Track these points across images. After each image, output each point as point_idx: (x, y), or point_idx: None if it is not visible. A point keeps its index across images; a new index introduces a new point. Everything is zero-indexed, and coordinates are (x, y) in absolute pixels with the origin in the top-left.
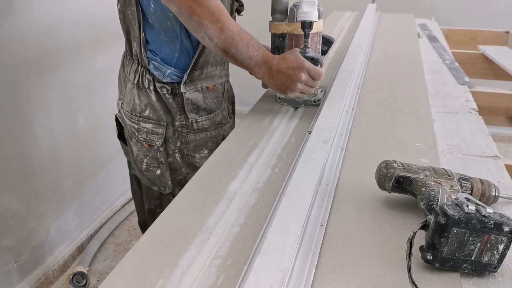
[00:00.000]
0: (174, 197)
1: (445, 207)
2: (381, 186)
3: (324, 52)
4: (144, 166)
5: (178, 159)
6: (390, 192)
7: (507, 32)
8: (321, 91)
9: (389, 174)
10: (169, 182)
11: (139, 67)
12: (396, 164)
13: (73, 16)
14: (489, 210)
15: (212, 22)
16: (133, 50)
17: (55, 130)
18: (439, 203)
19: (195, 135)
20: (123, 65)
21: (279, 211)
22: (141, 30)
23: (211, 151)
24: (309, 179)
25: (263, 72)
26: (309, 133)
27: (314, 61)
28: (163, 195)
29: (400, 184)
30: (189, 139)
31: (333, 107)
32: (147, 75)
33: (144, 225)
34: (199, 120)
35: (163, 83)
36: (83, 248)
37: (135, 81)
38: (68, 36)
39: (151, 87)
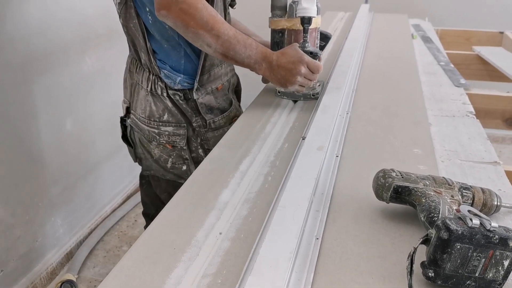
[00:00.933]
0: None
1: (448, 221)
2: (379, 196)
3: (322, 47)
4: (169, 165)
5: (201, 153)
6: (388, 203)
7: (502, 33)
8: (319, 85)
9: (387, 184)
10: None
11: (151, 75)
12: (394, 173)
13: (60, 18)
14: (494, 224)
15: (207, 30)
16: (142, 60)
17: (42, 134)
18: (440, 215)
19: (213, 133)
20: (130, 71)
21: (272, 225)
22: (147, 41)
23: None
24: (303, 189)
25: (264, 68)
26: (302, 139)
27: (313, 55)
28: None
29: (398, 195)
30: (208, 137)
31: (327, 111)
32: (159, 83)
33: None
34: (216, 120)
35: (175, 90)
36: (72, 255)
37: (149, 89)
38: (55, 38)
39: (165, 94)
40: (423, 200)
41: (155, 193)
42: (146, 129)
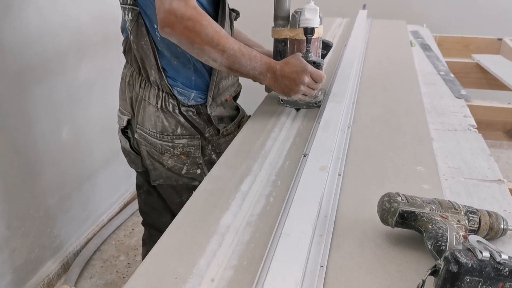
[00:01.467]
0: None
1: (457, 254)
2: (384, 221)
3: (323, 56)
4: (184, 171)
5: (214, 157)
6: (394, 227)
7: (500, 39)
8: (321, 93)
9: (392, 209)
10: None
11: (160, 92)
12: (400, 198)
13: (55, 26)
14: (504, 256)
15: (213, 46)
16: (151, 77)
17: (38, 144)
18: (448, 244)
19: (224, 138)
20: (129, 83)
21: (276, 254)
22: (157, 59)
23: None
24: (306, 214)
25: (268, 79)
26: (304, 156)
27: (316, 64)
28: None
29: (404, 220)
30: (220, 142)
31: (328, 127)
32: (171, 100)
33: (156, 226)
34: (228, 128)
35: (188, 106)
36: (69, 265)
37: (159, 106)
38: (51, 46)
39: (176, 111)
40: (430, 227)
41: (156, 202)
42: (159, 143)
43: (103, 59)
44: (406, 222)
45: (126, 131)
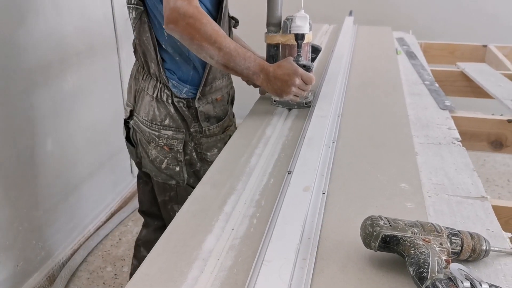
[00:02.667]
0: (189, 186)
1: (438, 284)
2: (367, 245)
3: (313, 59)
4: (164, 166)
5: (194, 156)
6: (376, 251)
7: (485, 46)
8: (311, 94)
9: (375, 233)
10: (186, 175)
11: (158, 83)
12: (382, 222)
13: (38, 36)
14: (485, 285)
15: (210, 43)
16: (151, 69)
17: (22, 156)
18: (429, 271)
19: (207, 139)
20: (135, 78)
21: (258, 282)
22: (157, 53)
23: (219, 150)
24: (289, 239)
25: (262, 79)
26: (288, 173)
27: (306, 68)
28: (178, 187)
29: (387, 244)
30: (202, 142)
31: (313, 143)
32: (166, 91)
33: (148, 213)
34: (211, 128)
35: (180, 98)
36: (55, 278)
37: (154, 95)
38: (34, 57)
39: (170, 101)
40: (412, 251)
41: (149, 192)
42: (147, 131)
43: (88, 69)
44: (389, 246)
45: (128, 121)
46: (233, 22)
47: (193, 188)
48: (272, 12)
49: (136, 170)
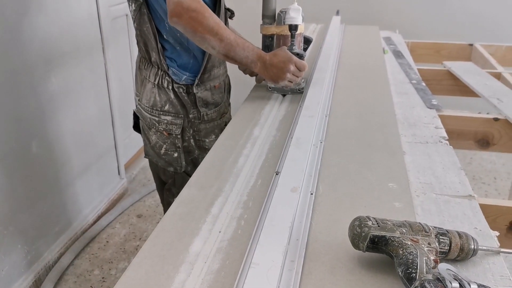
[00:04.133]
0: (187, 174)
1: (426, 285)
2: (355, 246)
3: (305, 49)
4: (163, 151)
5: (192, 143)
6: (365, 252)
7: (471, 45)
8: (303, 81)
9: (363, 234)
10: (183, 162)
11: (159, 71)
12: (371, 222)
13: (23, 37)
14: (473, 286)
15: (212, 35)
16: (152, 58)
17: (6, 160)
18: (418, 271)
19: (205, 125)
20: (139, 68)
21: (245, 285)
22: (157, 42)
23: (217, 136)
24: (277, 241)
25: (259, 67)
26: (276, 174)
27: (300, 56)
28: (176, 174)
29: (375, 244)
30: (201, 128)
31: (301, 144)
32: (166, 77)
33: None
34: (208, 113)
35: (179, 84)
36: (41, 281)
37: (156, 82)
38: (18, 58)
39: (170, 87)
40: (400, 252)
41: (158, 176)
42: (148, 117)
43: (73, 70)
44: (377, 246)
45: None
46: (229, 13)
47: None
48: (267, 6)
49: (123, 172)
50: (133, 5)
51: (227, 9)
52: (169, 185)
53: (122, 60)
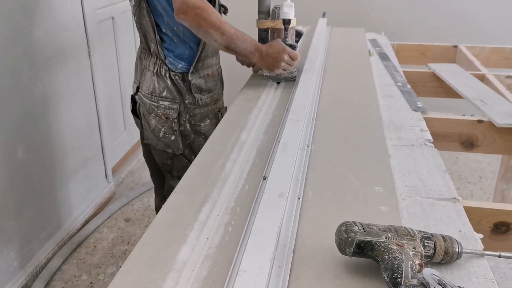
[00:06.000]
0: (184, 157)
1: None
2: (342, 251)
3: (296, 41)
4: (161, 134)
5: (188, 127)
6: (351, 257)
7: (455, 46)
8: (296, 70)
9: (349, 239)
10: (181, 145)
11: (157, 60)
12: (357, 227)
13: (6, 41)
14: None
15: (215, 29)
16: (152, 49)
17: None
18: (403, 276)
19: (200, 109)
20: (140, 58)
21: None
22: (156, 34)
23: (211, 121)
24: (264, 247)
25: (257, 57)
26: (263, 179)
27: (292, 47)
28: (175, 156)
29: (361, 250)
30: (196, 113)
31: (288, 148)
32: (164, 66)
33: (155, 181)
34: (203, 98)
35: (176, 72)
36: None
37: (155, 71)
38: (2, 62)
39: (167, 75)
40: (386, 257)
41: (149, 156)
42: (148, 103)
43: (59, 74)
44: (363, 251)
45: (134, 96)
46: (223, 9)
47: (188, 160)
48: (262, 2)
49: (110, 176)
50: (132, 0)
51: (221, 5)
52: (168, 167)
53: (109, 63)
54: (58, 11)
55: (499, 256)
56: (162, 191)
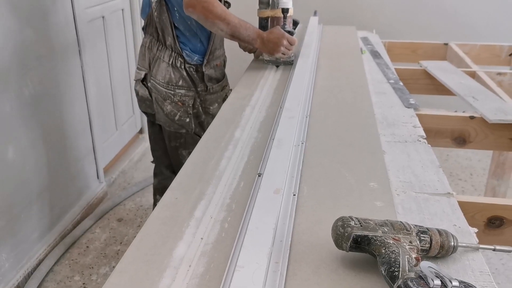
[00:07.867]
0: (195, 134)
1: (409, 283)
2: (339, 246)
3: (294, 29)
4: (177, 118)
5: (200, 110)
6: (348, 252)
7: (446, 44)
8: (293, 55)
9: (346, 234)
10: (193, 125)
11: (173, 53)
12: (353, 222)
13: None
14: (455, 283)
15: (220, 20)
16: (167, 42)
17: None
18: (400, 269)
19: (210, 96)
20: (148, 48)
21: None
22: (173, 29)
23: (219, 104)
24: (261, 243)
25: (259, 43)
26: (259, 176)
27: (291, 33)
28: (187, 134)
29: (358, 244)
30: (207, 98)
31: (282, 145)
32: (179, 58)
33: (161, 161)
34: (214, 87)
35: (191, 64)
36: None
37: (170, 62)
38: None
39: (182, 66)
40: (383, 251)
41: (153, 132)
42: (164, 91)
43: (49, 73)
44: (360, 246)
45: (143, 83)
46: (227, 5)
47: (198, 136)
48: None
49: (102, 176)
50: None
51: (225, 1)
52: (175, 148)
53: (100, 62)
54: (48, 10)
55: (494, 250)
56: (162, 172)
